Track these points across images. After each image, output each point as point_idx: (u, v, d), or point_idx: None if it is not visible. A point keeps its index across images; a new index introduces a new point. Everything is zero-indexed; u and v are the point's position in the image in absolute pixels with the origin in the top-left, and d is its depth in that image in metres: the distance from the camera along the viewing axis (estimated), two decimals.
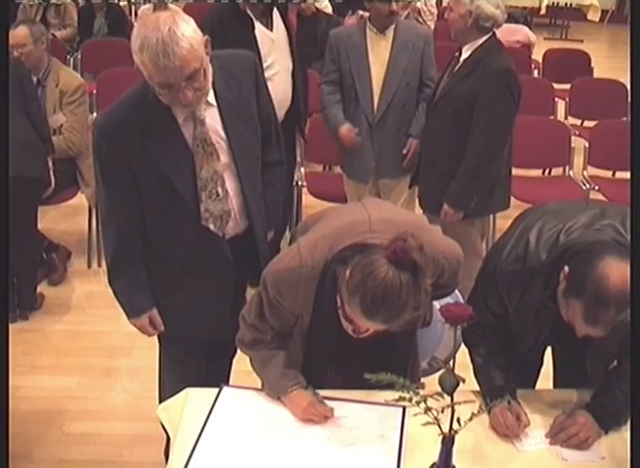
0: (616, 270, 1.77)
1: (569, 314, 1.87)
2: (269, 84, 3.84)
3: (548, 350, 2.51)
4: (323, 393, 2.24)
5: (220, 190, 2.40)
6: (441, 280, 2.10)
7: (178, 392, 2.29)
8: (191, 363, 2.66)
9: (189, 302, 2.56)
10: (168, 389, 2.64)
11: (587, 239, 1.91)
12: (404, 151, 4.02)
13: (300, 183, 4.89)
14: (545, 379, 2.57)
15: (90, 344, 3.95)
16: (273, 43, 3.96)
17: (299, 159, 4.89)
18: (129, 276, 2.50)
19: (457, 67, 3.58)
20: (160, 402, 2.81)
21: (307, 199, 4.97)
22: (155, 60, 2.09)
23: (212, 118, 2.35)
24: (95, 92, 5.74)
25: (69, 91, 4.46)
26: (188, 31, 2.11)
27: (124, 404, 3.50)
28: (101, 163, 2.36)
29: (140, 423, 2.89)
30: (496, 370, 2.23)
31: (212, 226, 2.42)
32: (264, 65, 3.84)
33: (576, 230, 2.00)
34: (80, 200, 4.67)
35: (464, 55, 3.54)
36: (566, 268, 1.88)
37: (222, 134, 2.38)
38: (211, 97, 2.33)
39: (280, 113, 4.02)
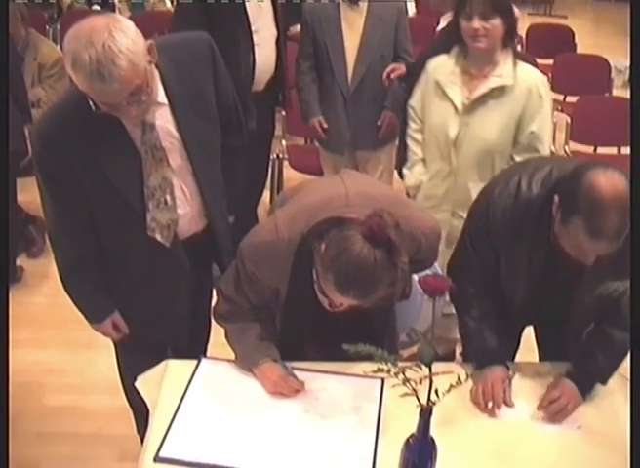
0: (603, 177, 1.79)
1: (572, 240, 1.87)
2: (256, 49, 3.86)
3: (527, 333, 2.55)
4: (301, 365, 2.25)
5: (168, 198, 2.26)
6: (419, 255, 2.10)
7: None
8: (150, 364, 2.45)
9: (146, 307, 2.49)
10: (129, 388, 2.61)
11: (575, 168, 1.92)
12: (379, 123, 4.02)
13: (280, 156, 4.88)
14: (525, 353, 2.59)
15: (70, 317, 3.91)
16: (260, 9, 3.93)
17: (280, 132, 4.88)
18: (85, 286, 2.42)
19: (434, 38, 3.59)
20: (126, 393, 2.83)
21: (288, 172, 4.95)
22: (90, 83, 1.90)
23: (163, 119, 2.19)
24: None
25: (48, 64, 4.40)
26: (127, 44, 1.88)
27: (104, 377, 3.48)
28: (43, 174, 2.19)
29: (121, 396, 2.88)
30: (489, 332, 2.24)
31: (158, 236, 2.29)
32: (252, 29, 3.84)
33: (568, 164, 2.02)
34: None
35: (441, 24, 3.54)
36: (556, 197, 1.89)
37: (176, 133, 2.23)
38: (161, 96, 2.17)
39: (262, 80, 4.02)
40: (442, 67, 3.05)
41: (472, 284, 2.25)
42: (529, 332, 2.55)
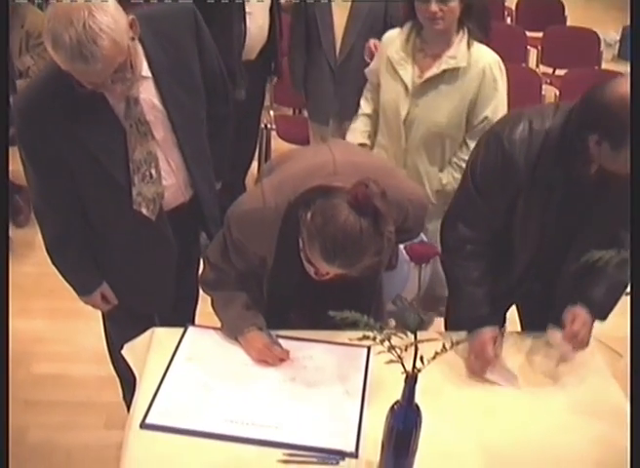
0: (623, 85, 1.80)
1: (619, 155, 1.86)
2: (248, 17, 3.83)
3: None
4: (287, 333, 2.26)
5: (153, 172, 2.26)
6: (405, 224, 2.10)
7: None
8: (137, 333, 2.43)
9: (133, 279, 2.50)
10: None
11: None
12: None
13: (269, 126, 4.86)
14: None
15: (57, 286, 3.91)
16: None
17: (268, 102, 4.86)
18: (71, 259, 2.42)
19: None
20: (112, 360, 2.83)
21: (277, 143, 4.94)
22: (72, 64, 1.87)
23: (147, 92, 2.18)
24: None
25: (36, 32, 4.33)
26: (107, 22, 1.83)
27: (92, 346, 3.49)
28: (26, 148, 2.16)
29: (108, 365, 2.89)
30: (484, 297, 2.23)
31: (144, 210, 2.29)
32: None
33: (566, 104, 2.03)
34: None
35: None
36: (582, 120, 1.89)
37: (160, 106, 2.21)
38: (145, 70, 2.15)
39: (255, 49, 4.01)
40: (394, 43, 2.97)
41: (474, 240, 2.22)
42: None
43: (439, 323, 2.55)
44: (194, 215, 2.52)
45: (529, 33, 6.39)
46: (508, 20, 7.31)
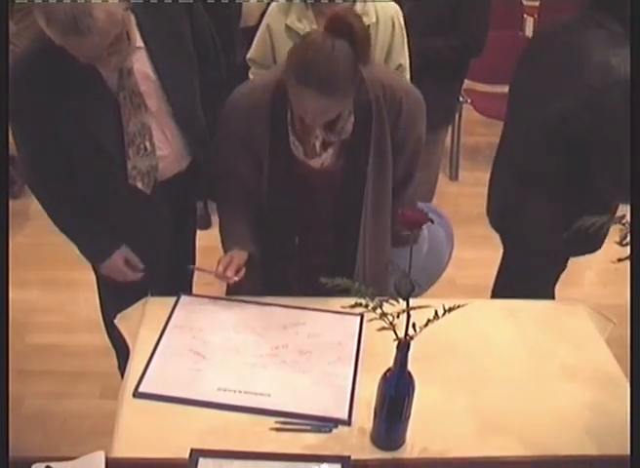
0: None
1: None
2: None
3: None
4: (279, 301, 2.26)
5: (147, 144, 2.23)
6: (399, 122, 2.13)
7: None
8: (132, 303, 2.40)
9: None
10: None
11: None
12: None
13: None
14: None
15: (51, 257, 3.93)
16: None
17: None
18: (76, 223, 2.36)
19: None
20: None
21: None
22: (67, 38, 1.83)
23: (140, 62, 2.15)
24: None
25: None
26: None
27: (86, 315, 3.51)
28: (16, 121, 2.10)
29: (102, 334, 2.89)
30: None
31: (139, 184, 2.27)
32: None
33: None
34: None
35: None
36: None
37: (153, 76, 2.19)
38: (138, 40, 2.11)
39: (254, 14, 3.97)
40: (290, 12, 2.84)
41: None
42: None
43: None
44: (192, 184, 2.51)
45: (525, 2, 6.34)
46: None
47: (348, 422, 1.89)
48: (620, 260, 1.70)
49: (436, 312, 1.65)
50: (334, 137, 2.11)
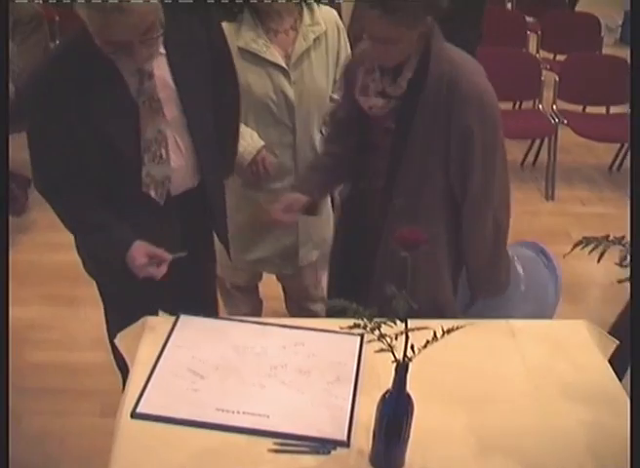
0: None
1: None
2: None
3: None
4: (281, 321, 2.25)
5: (163, 152, 2.22)
6: (452, 107, 2.21)
7: None
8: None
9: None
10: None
11: None
12: None
13: None
14: None
15: (52, 274, 3.93)
16: None
17: None
18: (91, 221, 2.26)
19: None
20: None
21: None
22: (106, 17, 1.84)
23: (160, 68, 2.15)
24: (57, 18, 5.60)
25: (23, 20, 4.28)
26: None
27: (86, 333, 3.50)
28: (33, 118, 2.12)
29: (103, 352, 2.88)
30: None
31: (152, 193, 2.25)
32: None
33: None
34: None
35: None
36: None
37: (171, 83, 2.18)
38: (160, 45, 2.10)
39: None
40: (240, 32, 2.76)
41: None
42: None
43: None
44: (201, 205, 2.46)
45: (528, 18, 6.36)
46: (509, 6, 7.26)
47: (347, 444, 1.87)
48: (620, 282, 1.70)
49: (435, 333, 1.64)
50: (388, 87, 2.25)
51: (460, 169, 2.29)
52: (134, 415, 1.93)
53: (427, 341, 1.65)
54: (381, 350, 1.64)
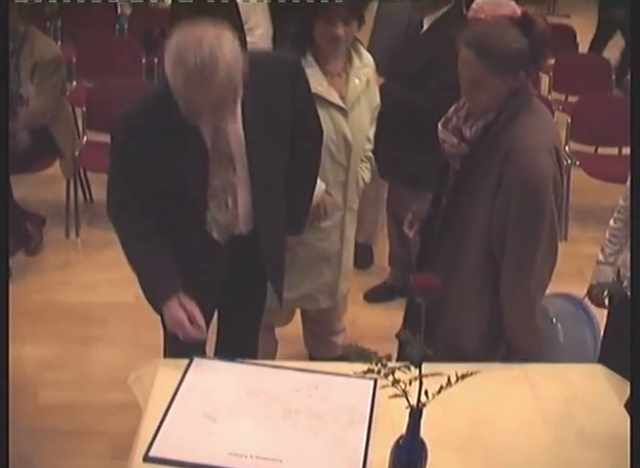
0: None
1: None
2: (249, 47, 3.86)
3: None
4: (295, 365, 2.25)
5: (229, 201, 2.33)
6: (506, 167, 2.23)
7: None
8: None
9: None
10: None
11: None
12: None
13: None
14: None
15: (66, 314, 3.93)
16: (254, 6, 3.94)
17: None
18: (145, 257, 2.33)
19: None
20: None
21: None
22: (189, 82, 1.94)
23: (236, 125, 2.24)
24: (74, 59, 5.68)
25: (43, 61, 4.36)
26: (230, 55, 1.95)
27: (99, 373, 3.50)
28: (116, 148, 2.23)
29: (117, 393, 2.87)
30: None
31: (215, 234, 2.38)
32: (245, 28, 3.88)
33: None
34: (57, 169, 4.61)
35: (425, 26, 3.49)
36: None
37: (244, 143, 2.26)
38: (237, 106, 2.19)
39: None
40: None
41: None
42: None
43: None
44: (252, 247, 2.47)
45: None
46: None
47: None
48: None
49: (449, 379, 1.64)
50: (463, 126, 2.28)
51: (497, 237, 2.29)
52: (146, 459, 1.92)
53: (441, 387, 1.64)
54: (395, 395, 1.63)
